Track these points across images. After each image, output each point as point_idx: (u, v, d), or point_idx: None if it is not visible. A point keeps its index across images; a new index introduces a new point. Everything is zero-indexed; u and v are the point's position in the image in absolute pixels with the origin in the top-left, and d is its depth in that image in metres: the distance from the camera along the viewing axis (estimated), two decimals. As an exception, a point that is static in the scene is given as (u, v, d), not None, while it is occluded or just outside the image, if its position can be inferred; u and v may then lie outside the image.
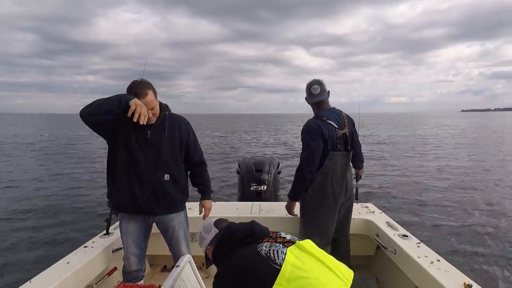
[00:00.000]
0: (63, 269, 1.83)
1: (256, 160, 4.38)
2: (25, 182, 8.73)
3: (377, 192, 7.43)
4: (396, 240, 2.21)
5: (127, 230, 2.00)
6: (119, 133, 1.87)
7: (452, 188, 7.80)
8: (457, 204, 6.48)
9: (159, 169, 1.91)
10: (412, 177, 9.18)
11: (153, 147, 1.89)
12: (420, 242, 2.18)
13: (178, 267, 1.46)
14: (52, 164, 11.71)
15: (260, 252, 1.12)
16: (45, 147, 17.04)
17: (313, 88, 2.30)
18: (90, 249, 2.10)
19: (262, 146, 18.74)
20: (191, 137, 2.04)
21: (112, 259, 2.21)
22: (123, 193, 1.91)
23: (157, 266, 2.94)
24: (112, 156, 1.93)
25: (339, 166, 2.23)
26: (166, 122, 1.92)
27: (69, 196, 7.24)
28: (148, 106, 1.76)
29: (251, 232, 1.23)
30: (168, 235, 2.08)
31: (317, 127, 2.19)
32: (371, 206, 2.98)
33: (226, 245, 1.24)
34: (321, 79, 2.33)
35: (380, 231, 2.44)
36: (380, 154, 13.78)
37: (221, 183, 8.30)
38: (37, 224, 5.36)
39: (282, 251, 1.10)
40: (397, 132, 27.39)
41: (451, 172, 9.91)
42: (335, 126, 2.22)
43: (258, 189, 3.94)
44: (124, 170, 1.89)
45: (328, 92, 2.33)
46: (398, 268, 2.15)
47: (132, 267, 2.02)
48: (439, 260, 1.90)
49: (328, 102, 2.37)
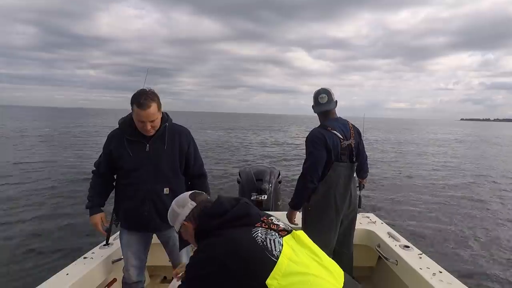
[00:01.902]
0: (63, 281, 1.82)
1: (257, 169, 4.38)
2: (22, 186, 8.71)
3: (378, 202, 7.40)
4: (398, 251, 2.20)
5: (128, 242, 1.99)
6: (114, 160, 1.92)
7: (455, 198, 7.76)
8: (462, 215, 6.44)
9: (158, 183, 1.90)
10: (414, 186, 9.14)
11: (151, 161, 1.88)
12: (422, 253, 2.16)
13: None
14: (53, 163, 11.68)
15: (256, 239, 1.01)
16: (51, 146, 16.89)
17: (320, 97, 2.26)
18: (89, 260, 2.09)
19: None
20: (191, 148, 2.02)
21: (112, 270, 2.20)
22: (127, 211, 1.94)
23: (157, 277, 2.91)
24: (116, 180, 2.00)
25: (343, 177, 2.20)
26: (166, 134, 1.91)
27: (69, 203, 7.21)
28: (149, 118, 1.77)
29: (246, 213, 1.10)
30: (169, 246, 2.07)
31: (321, 136, 2.15)
32: (372, 216, 2.97)
33: (215, 220, 1.09)
34: (328, 88, 2.30)
35: (382, 242, 2.43)
36: (382, 161, 13.76)
37: (223, 192, 8.26)
38: (36, 232, 5.33)
39: (279, 241, 1.02)
40: (397, 138, 27.37)
41: (454, 181, 9.87)
42: (340, 137, 2.19)
43: (259, 198, 3.92)
44: (125, 188, 1.92)
45: (336, 102, 2.31)
46: (399, 280, 2.14)
47: (132, 278, 2.00)
48: (441, 272, 1.89)
49: (335, 112, 2.35)
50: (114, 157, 1.90)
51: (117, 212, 2.02)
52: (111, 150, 1.91)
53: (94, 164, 2.02)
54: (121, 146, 1.88)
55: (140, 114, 1.74)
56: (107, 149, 1.94)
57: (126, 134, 1.88)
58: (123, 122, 1.92)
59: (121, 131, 1.91)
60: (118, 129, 1.94)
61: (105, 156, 1.95)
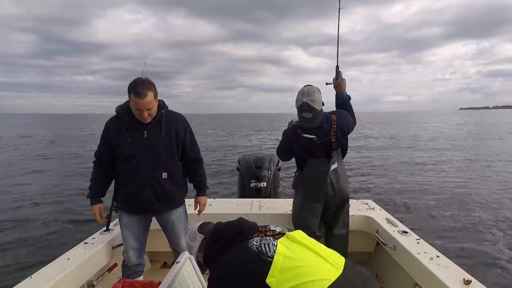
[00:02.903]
0: (63, 265, 1.83)
1: (256, 156, 4.37)
2: (26, 177, 8.74)
3: (376, 188, 7.45)
4: (396, 237, 2.21)
5: (127, 223, 2.02)
6: (113, 147, 1.93)
7: (453, 185, 7.82)
8: (458, 200, 6.50)
9: (157, 169, 1.93)
10: (413, 174, 9.20)
11: (150, 147, 1.91)
12: (419, 238, 2.18)
13: (178, 263, 1.46)
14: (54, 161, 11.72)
15: (251, 248, 1.12)
16: (48, 147, 17.01)
17: (303, 115, 2.20)
18: (90, 245, 2.11)
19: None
20: (188, 135, 2.05)
21: (113, 255, 2.22)
22: (126, 196, 1.97)
23: (158, 263, 2.95)
24: (115, 166, 2.00)
25: (317, 172, 2.29)
26: (162, 121, 1.94)
27: (70, 191, 7.25)
28: (146, 106, 1.79)
29: (240, 229, 1.21)
30: (167, 229, 2.11)
31: (288, 137, 2.37)
32: (370, 202, 2.98)
33: (216, 246, 1.22)
34: (313, 98, 2.15)
35: (380, 228, 2.45)
36: (379, 150, 13.80)
37: (221, 180, 8.31)
38: (37, 219, 5.38)
39: (273, 243, 1.11)
40: (396, 130, 27.40)
41: (451, 168, 9.93)
42: (312, 138, 2.24)
43: (258, 185, 3.93)
44: (124, 174, 1.94)
45: (322, 104, 2.23)
46: (397, 264, 2.16)
47: (132, 261, 2.03)
48: (439, 256, 1.90)
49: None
50: (113, 144, 1.92)
51: (116, 198, 2.04)
52: (110, 138, 1.93)
53: (94, 155, 2.03)
54: (119, 133, 1.90)
55: (137, 102, 1.77)
56: (106, 137, 1.95)
57: (124, 121, 1.90)
58: (120, 109, 1.93)
59: (119, 118, 1.92)
60: (116, 116, 1.95)
61: (104, 144, 1.96)
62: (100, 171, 2.03)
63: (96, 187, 2.03)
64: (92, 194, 2.03)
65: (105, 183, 2.07)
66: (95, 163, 2.04)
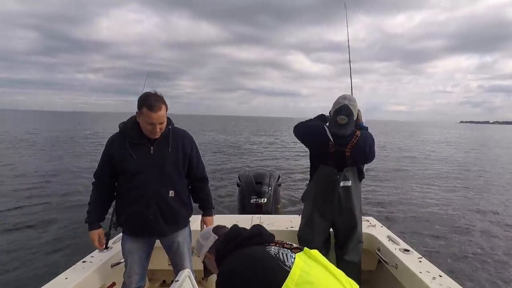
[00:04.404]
0: (61, 285, 1.81)
1: (256, 172, 4.37)
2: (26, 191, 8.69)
3: (378, 205, 7.38)
4: (398, 255, 2.19)
5: (130, 249, 1.95)
6: (117, 163, 1.86)
7: (457, 201, 7.75)
8: (461, 218, 6.42)
9: (163, 185, 1.87)
10: (415, 190, 9.13)
11: (156, 163, 1.85)
12: (422, 257, 2.16)
13: (177, 282, 1.45)
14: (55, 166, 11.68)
15: (269, 252, 1.08)
16: (51, 149, 16.95)
17: (339, 118, 2.12)
18: (88, 264, 2.08)
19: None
20: (194, 152, 2.02)
21: (111, 274, 2.19)
22: (131, 216, 1.88)
23: (156, 281, 2.90)
24: (118, 185, 1.93)
25: (326, 182, 2.20)
26: (170, 137, 1.90)
27: (68, 207, 7.19)
28: (159, 120, 1.76)
29: (259, 232, 1.20)
30: (172, 251, 2.05)
31: (316, 126, 2.28)
32: (372, 219, 2.96)
33: (231, 244, 1.17)
34: (351, 104, 2.12)
35: (382, 246, 2.42)
36: (383, 165, 13.74)
37: (222, 196, 8.25)
38: (35, 236, 5.31)
39: (291, 255, 1.08)
40: (398, 142, 27.35)
41: (455, 184, 9.87)
42: (329, 139, 2.16)
43: (259, 201, 3.92)
44: (129, 191, 1.86)
45: (353, 121, 2.16)
46: (399, 283, 2.13)
47: (133, 285, 1.99)
48: (441, 276, 1.88)
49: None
50: (117, 161, 1.84)
51: (117, 216, 1.97)
52: (113, 154, 1.85)
53: (93, 175, 1.94)
54: (123, 148, 1.84)
55: (151, 116, 1.72)
56: (108, 153, 1.87)
57: (129, 138, 1.84)
58: (124, 126, 1.89)
59: (123, 135, 1.87)
60: (119, 133, 1.90)
61: (107, 161, 1.88)
62: (100, 194, 1.93)
63: (95, 212, 1.93)
64: (91, 219, 1.92)
65: (105, 207, 1.97)
66: (94, 185, 1.95)
